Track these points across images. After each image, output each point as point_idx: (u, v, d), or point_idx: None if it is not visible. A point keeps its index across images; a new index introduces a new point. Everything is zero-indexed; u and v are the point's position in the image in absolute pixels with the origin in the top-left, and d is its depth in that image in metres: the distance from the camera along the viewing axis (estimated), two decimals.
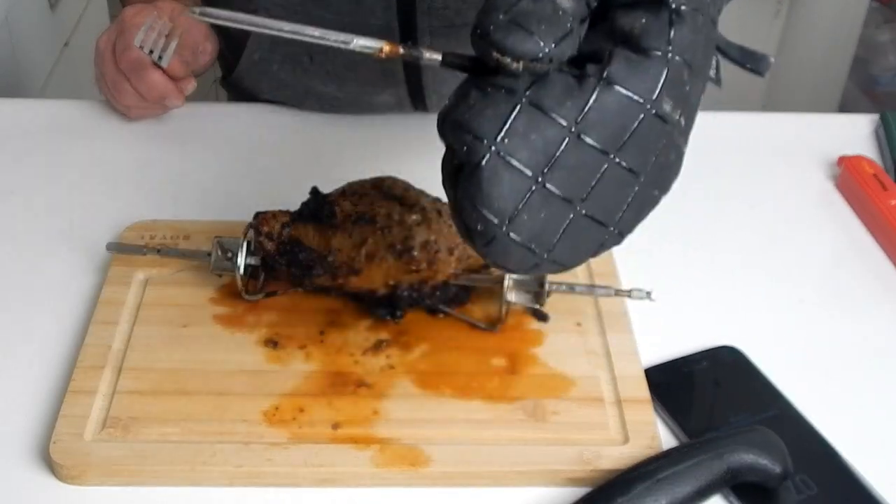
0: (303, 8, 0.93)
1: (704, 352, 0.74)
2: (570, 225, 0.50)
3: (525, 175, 0.48)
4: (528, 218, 0.49)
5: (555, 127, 0.48)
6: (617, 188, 0.50)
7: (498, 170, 0.48)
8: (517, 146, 0.48)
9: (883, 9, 2.17)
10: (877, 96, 2.14)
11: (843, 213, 0.90)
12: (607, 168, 0.50)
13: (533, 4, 0.49)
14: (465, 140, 0.48)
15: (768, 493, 0.64)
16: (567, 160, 0.48)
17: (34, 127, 0.98)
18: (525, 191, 0.48)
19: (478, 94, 0.49)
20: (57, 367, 0.72)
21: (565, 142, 0.48)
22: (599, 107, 0.48)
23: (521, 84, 0.48)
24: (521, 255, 0.51)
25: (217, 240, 0.76)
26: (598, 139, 0.49)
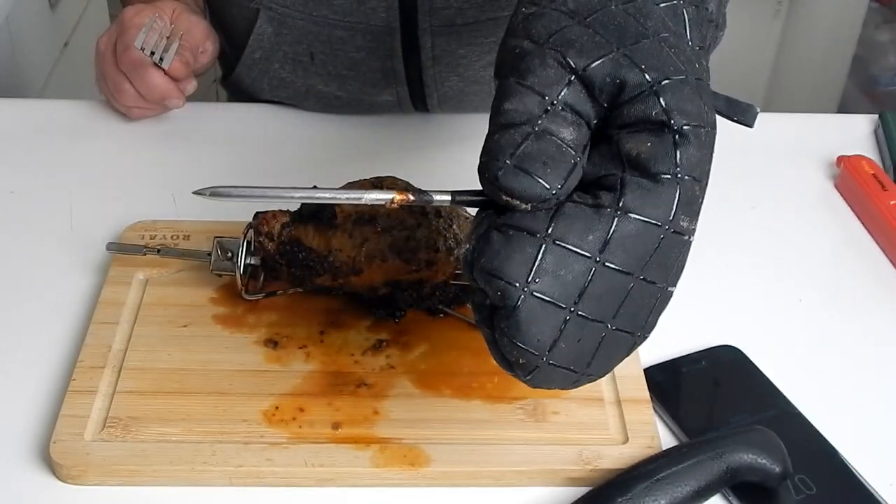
0: (305, 8, 0.94)
1: (704, 351, 0.74)
2: (603, 341, 0.52)
3: (559, 308, 0.50)
4: (566, 346, 0.51)
5: (581, 260, 0.50)
6: (642, 300, 0.52)
7: (533, 309, 0.50)
8: (548, 284, 0.50)
9: (883, 9, 2.17)
10: (876, 96, 2.14)
11: (842, 213, 0.90)
12: (633, 287, 0.51)
13: (536, 144, 0.50)
14: (499, 286, 0.50)
15: (768, 493, 0.64)
16: (596, 288, 0.50)
17: (34, 127, 0.98)
18: (560, 323, 0.50)
19: (500, 238, 0.50)
20: (57, 367, 0.72)
21: (592, 272, 0.50)
22: (620, 236, 0.50)
23: (540, 223, 0.50)
24: (562, 377, 0.53)
25: (217, 240, 0.76)
26: (622, 264, 0.50)
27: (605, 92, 0.51)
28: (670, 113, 0.50)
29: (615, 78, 0.50)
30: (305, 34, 0.96)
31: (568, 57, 0.50)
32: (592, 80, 0.50)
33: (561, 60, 0.50)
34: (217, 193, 0.55)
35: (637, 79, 0.50)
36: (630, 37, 0.51)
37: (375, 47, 0.95)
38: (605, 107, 0.51)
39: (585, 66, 0.50)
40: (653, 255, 0.51)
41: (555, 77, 0.50)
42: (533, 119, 0.50)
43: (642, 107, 0.50)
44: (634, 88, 0.50)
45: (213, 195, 0.55)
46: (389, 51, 0.95)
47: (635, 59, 0.50)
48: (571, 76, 0.50)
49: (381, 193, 0.55)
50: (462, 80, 0.98)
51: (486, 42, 0.95)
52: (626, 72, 0.50)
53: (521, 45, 0.52)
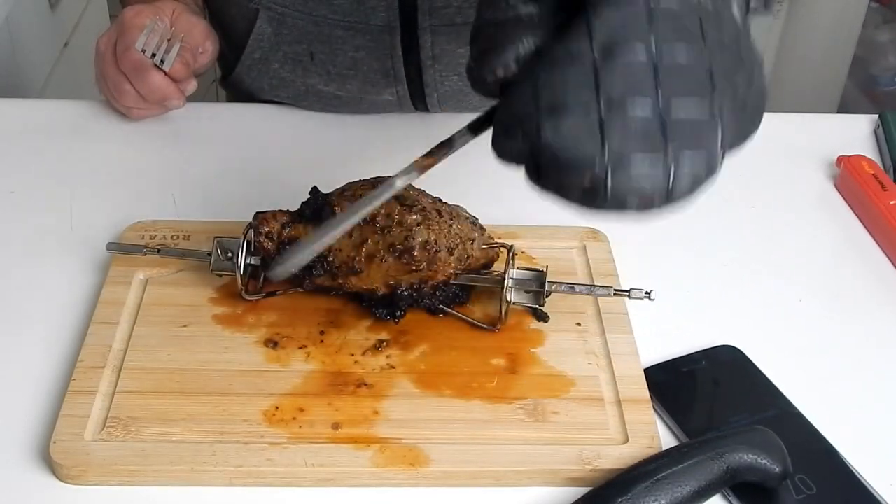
0: (305, 7, 0.94)
1: (704, 351, 0.74)
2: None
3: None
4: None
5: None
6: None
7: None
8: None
9: (883, 9, 2.17)
10: (876, 96, 2.14)
11: (842, 212, 0.90)
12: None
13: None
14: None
15: (768, 493, 0.64)
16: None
17: (34, 127, 0.98)
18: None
19: (546, 72, 0.51)
20: (57, 367, 0.72)
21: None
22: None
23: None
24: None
25: (217, 240, 0.76)
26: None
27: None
28: None
29: None
30: (305, 34, 0.96)
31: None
32: None
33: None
34: (276, 276, 0.60)
35: None
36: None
37: (375, 47, 0.95)
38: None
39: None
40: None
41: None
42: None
43: None
44: None
45: (273, 276, 0.60)
46: (389, 50, 0.95)
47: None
48: None
49: (407, 175, 0.56)
50: (462, 80, 0.97)
51: None
52: None
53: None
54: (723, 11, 0.52)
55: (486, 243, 0.74)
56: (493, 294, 0.76)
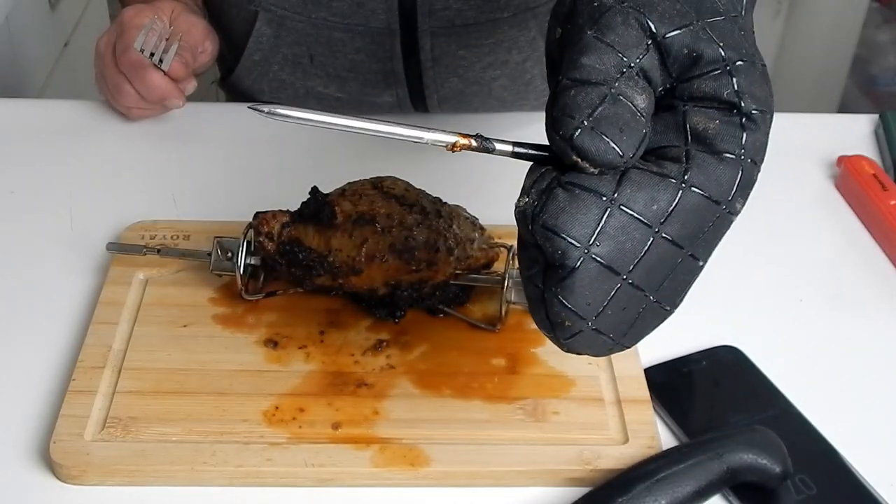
0: (304, 10, 0.94)
1: (704, 351, 0.74)
2: (642, 312, 0.52)
3: (614, 274, 0.50)
4: (612, 313, 0.51)
5: (642, 229, 0.49)
6: (684, 275, 0.53)
7: (591, 272, 0.49)
8: (608, 249, 0.49)
9: (883, 9, 2.17)
10: (877, 96, 2.14)
11: (842, 212, 0.90)
12: (681, 262, 0.51)
13: (613, 108, 0.49)
14: (560, 245, 0.49)
15: (768, 493, 0.64)
16: (649, 258, 0.50)
17: (34, 127, 0.98)
18: (613, 289, 0.50)
19: (566, 195, 0.49)
20: (57, 367, 0.72)
21: (650, 242, 0.50)
22: (682, 209, 0.50)
23: (607, 186, 0.49)
24: (599, 343, 0.52)
25: (217, 240, 0.76)
26: (677, 237, 0.50)
27: (679, 63, 0.50)
28: (742, 95, 0.49)
29: (692, 50, 0.50)
30: (305, 36, 0.96)
31: (650, 20, 0.50)
32: (670, 48, 0.50)
33: (643, 23, 0.50)
34: (274, 113, 0.54)
35: (714, 55, 0.50)
36: (707, 11, 0.51)
37: (375, 49, 0.95)
38: (674, 77, 0.50)
39: (666, 33, 0.50)
40: (705, 232, 0.51)
41: (635, 39, 0.49)
42: (610, 80, 0.49)
43: (714, 84, 0.50)
44: (709, 64, 0.50)
45: (270, 114, 0.54)
46: (389, 52, 0.95)
47: (713, 33, 0.50)
48: (650, 41, 0.50)
49: (443, 135, 0.53)
50: (462, 82, 0.98)
51: (486, 43, 0.95)
52: (704, 46, 0.50)
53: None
54: None
55: (486, 243, 0.74)
56: (493, 294, 0.76)
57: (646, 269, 0.50)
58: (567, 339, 0.52)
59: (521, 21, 0.95)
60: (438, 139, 0.53)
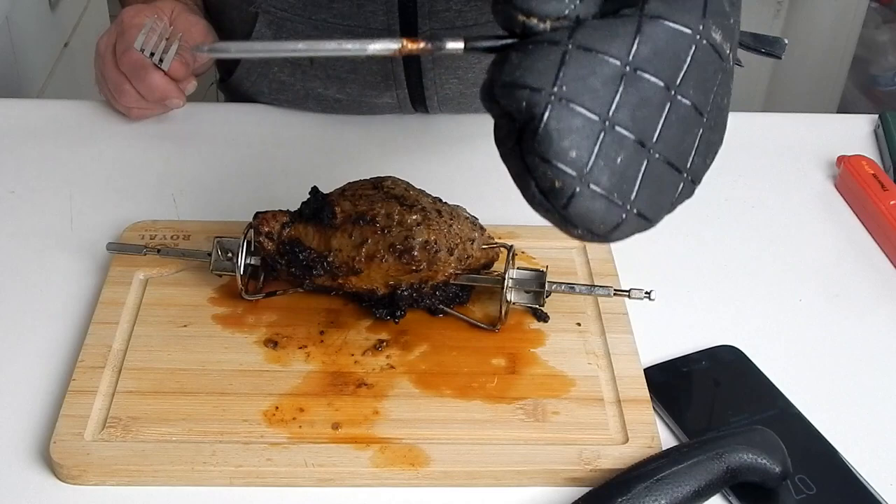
0: (304, 11, 0.93)
1: (704, 351, 0.74)
2: (646, 170, 0.48)
3: (591, 119, 0.46)
4: (605, 164, 0.47)
5: (609, 65, 0.47)
6: (684, 128, 0.49)
7: (563, 117, 0.46)
8: (577, 90, 0.46)
9: (883, 9, 2.17)
10: (877, 96, 2.14)
11: (842, 212, 0.90)
12: (671, 105, 0.48)
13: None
14: (523, 96, 0.46)
15: (768, 493, 0.64)
16: (630, 98, 0.47)
17: (34, 127, 0.98)
18: (596, 135, 0.47)
19: (519, 54, 0.47)
20: (57, 367, 0.72)
21: (623, 79, 0.47)
22: (649, 40, 0.47)
23: (562, 34, 0.47)
24: (604, 208, 0.48)
25: (217, 240, 0.76)
26: (655, 72, 0.47)
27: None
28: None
29: None
30: (305, 37, 0.96)
31: None
32: None
33: None
34: (215, 49, 0.52)
35: None
36: None
37: None
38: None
39: None
40: (687, 69, 0.48)
41: None
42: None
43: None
44: None
45: (212, 51, 0.52)
46: None
47: None
48: None
49: (386, 43, 0.50)
50: (462, 83, 0.98)
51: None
52: None
53: None
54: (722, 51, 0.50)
55: (486, 243, 0.74)
56: (493, 294, 0.76)
57: (629, 110, 0.47)
58: (565, 207, 0.48)
59: None
60: (383, 48, 0.50)
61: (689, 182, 0.51)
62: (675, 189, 0.51)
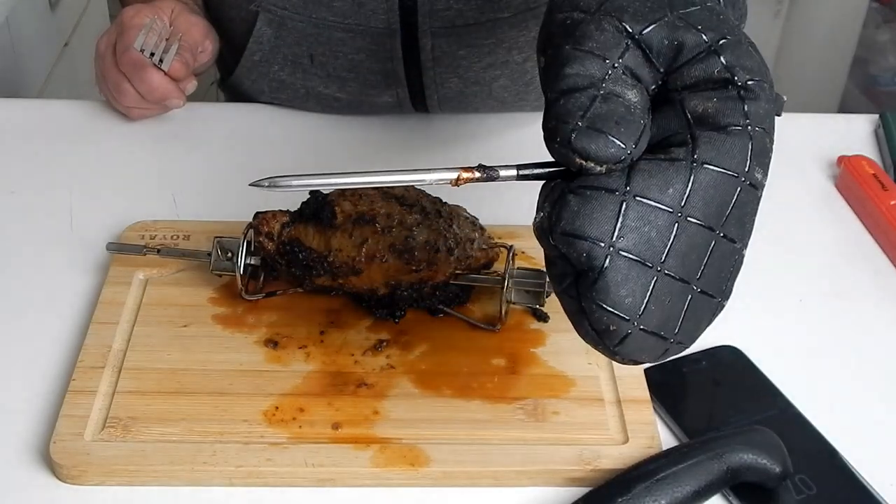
0: (304, 10, 0.93)
1: (704, 351, 0.74)
2: (689, 304, 0.51)
3: (647, 267, 0.49)
4: (656, 308, 0.50)
5: (664, 215, 0.49)
6: (723, 260, 0.52)
7: (621, 268, 0.48)
8: (634, 241, 0.48)
9: (883, 9, 2.17)
10: (877, 96, 2.14)
11: (842, 212, 0.90)
12: (715, 244, 0.51)
13: (605, 105, 0.49)
14: (583, 248, 0.48)
15: (768, 493, 0.64)
16: (680, 244, 0.49)
17: (34, 127, 0.98)
18: (650, 282, 0.49)
19: (578, 199, 0.49)
20: (57, 367, 0.72)
21: (676, 227, 0.49)
22: (700, 188, 0.49)
23: (618, 181, 0.49)
24: (652, 344, 0.51)
25: (217, 240, 0.76)
26: (703, 218, 0.49)
27: (663, 55, 0.50)
28: (733, 69, 0.49)
29: (672, 40, 0.50)
30: (305, 36, 0.96)
31: (623, 21, 0.50)
32: (650, 43, 0.50)
33: (617, 25, 0.50)
34: (276, 185, 0.54)
35: (695, 39, 0.50)
36: (679, 3, 0.51)
37: (375, 49, 0.95)
38: (662, 71, 0.50)
39: (642, 30, 0.50)
40: (731, 209, 0.50)
41: (613, 41, 0.50)
42: (597, 82, 0.49)
43: (703, 66, 0.50)
44: (693, 49, 0.50)
45: (272, 186, 0.54)
46: (389, 53, 0.95)
47: (690, 21, 0.50)
48: (628, 40, 0.50)
49: (446, 173, 0.53)
50: (462, 82, 0.98)
51: (486, 43, 0.95)
52: (683, 33, 0.50)
53: (571, 17, 0.51)
54: None
55: (486, 243, 0.74)
56: (493, 294, 0.76)
57: (679, 256, 0.49)
58: (617, 346, 0.50)
59: (522, 21, 0.95)
60: (441, 178, 0.53)
61: (722, 303, 0.53)
62: (711, 314, 0.53)
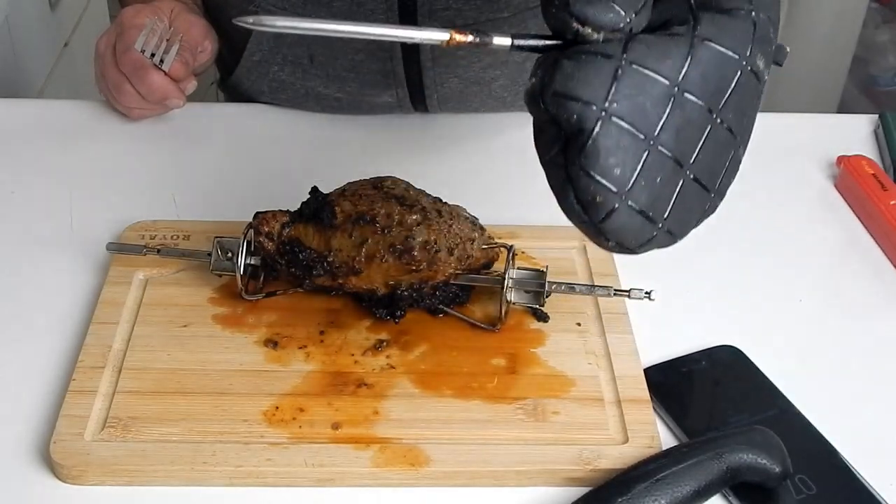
0: (304, 10, 0.93)
1: (704, 351, 0.74)
2: (681, 190, 0.49)
3: (639, 138, 0.47)
4: (645, 184, 0.48)
5: (660, 85, 0.47)
6: (719, 150, 0.49)
7: (612, 134, 0.46)
8: (628, 108, 0.46)
9: (882, 9, 2.17)
10: (876, 96, 2.14)
11: (842, 213, 0.90)
12: (711, 128, 0.48)
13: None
14: (574, 108, 0.46)
15: (768, 493, 0.64)
16: (675, 120, 0.47)
17: (34, 127, 0.98)
18: (640, 154, 0.47)
19: (573, 63, 0.47)
20: (57, 367, 0.72)
21: (671, 100, 0.47)
22: (699, 63, 0.47)
23: (615, 48, 0.47)
24: (639, 225, 0.49)
25: (217, 240, 0.76)
26: (700, 95, 0.47)
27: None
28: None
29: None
30: (304, 37, 0.96)
31: None
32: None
33: None
34: (260, 23, 0.51)
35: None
36: None
37: (375, 50, 0.95)
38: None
39: None
40: (730, 94, 0.48)
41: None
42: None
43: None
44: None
45: (256, 24, 0.51)
46: (389, 53, 0.95)
47: None
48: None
49: (435, 32, 0.50)
50: (462, 82, 0.98)
51: None
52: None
53: None
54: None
55: (486, 243, 0.74)
56: (493, 294, 0.76)
57: (673, 131, 0.47)
58: (602, 221, 0.48)
59: (521, 21, 0.95)
60: (432, 37, 0.50)
61: (714, 199, 0.52)
62: (702, 207, 0.51)
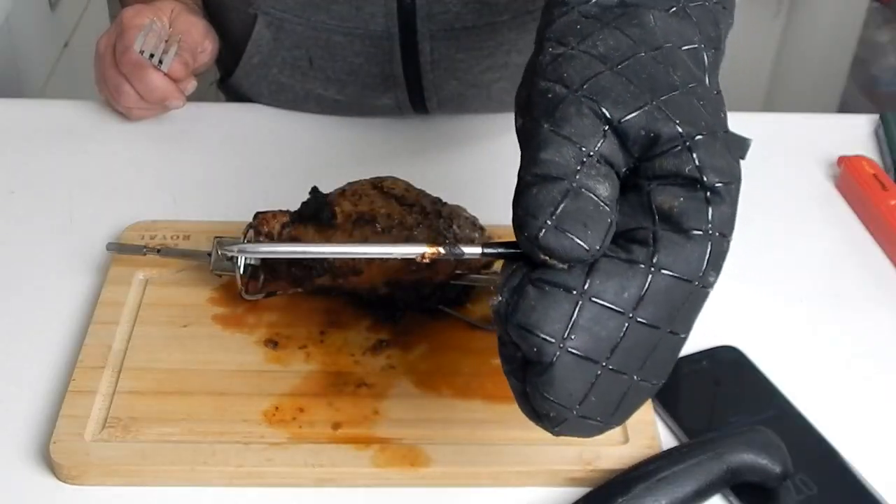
0: (303, 13, 0.93)
1: (704, 351, 0.74)
2: (627, 392, 0.52)
3: (592, 363, 0.50)
4: (596, 399, 0.51)
5: (616, 317, 0.49)
6: (666, 352, 0.52)
7: (568, 364, 0.49)
8: (583, 340, 0.49)
9: (883, 9, 2.17)
10: (877, 96, 2.14)
11: (842, 213, 0.90)
12: (661, 340, 0.51)
13: (575, 203, 0.49)
14: (535, 342, 0.49)
15: (768, 493, 0.64)
16: (627, 342, 0.50)
17: (34, 127, 0.98)
18: (593, 377, 0.50)
19: (536, 293, 0.50)
20: (57, 367, 0.72)
21: (626, 328, 0.50)
22: (653, 292, 0.50)
23: (576, 279, 0.49)
24: (588, 427, 0.52)
25: (217, 240, 0.76)
26: (652, 319, 0.50)
27: (638, 144, 0.50)
28: (703, 170, 0.50)
29: (649, 131, 0.50)
30: (304, 39, 0.96)
31: (603, 107, 0.50)
32: (627, 131, 0.50)
33: (596, 111, 0.50)
34: (244, 251, 0.57)
35: (671, 132, 0.50)
36: (662, 88, 0.51)
37: (374, 53, 0.95)
38: (635, 157, 0.51)
39: (621, 118, 0.50)
40: (680, 309, 0.51)
41: (591, 128, 0.50)
42: (570, 174, 0.49)
43: (675, 161, 0.50)
44: (668, 142, 0.50)
45: (242, 252, 0.56)
46: (388, 56, 0.95)
47: (669, 112, 0.50)
48: (606, 127, 0.50)
49: (411, 248, 0.55)
50: (461, 84, 0.98)
51: (485, 46, 0.95)
52: (661, 125, 0.50)
53: (552, 90, 0.51)
54: None
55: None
56: (493, 294, 0.76)
57: (624, 353, 0.50)
58: (555, 428, 0.52)
59: (521, 24, 0.95)
60: (407, 252, 0.55)
61: (658, 385, 0.54)
62: (646, 397, 0.54)
